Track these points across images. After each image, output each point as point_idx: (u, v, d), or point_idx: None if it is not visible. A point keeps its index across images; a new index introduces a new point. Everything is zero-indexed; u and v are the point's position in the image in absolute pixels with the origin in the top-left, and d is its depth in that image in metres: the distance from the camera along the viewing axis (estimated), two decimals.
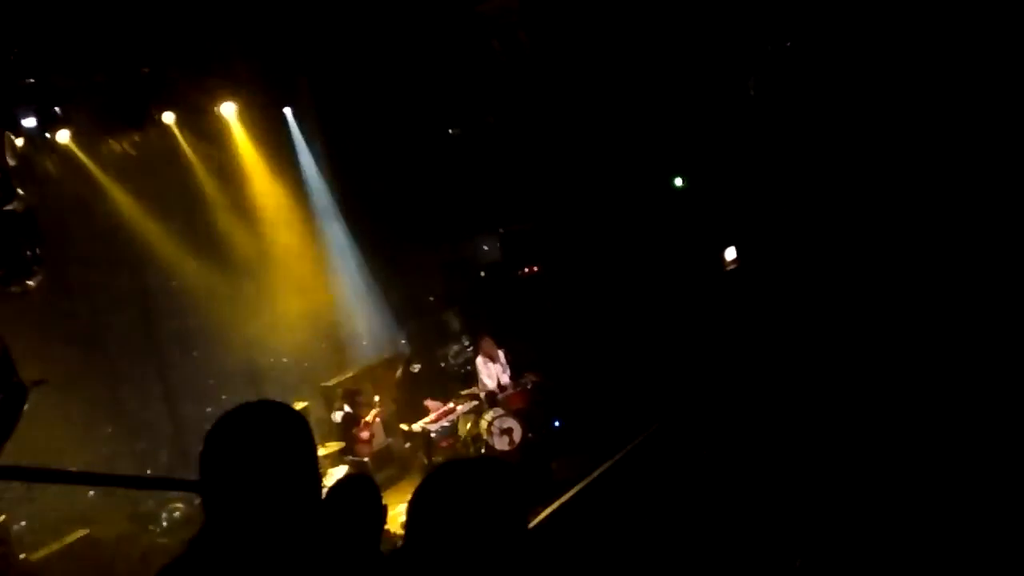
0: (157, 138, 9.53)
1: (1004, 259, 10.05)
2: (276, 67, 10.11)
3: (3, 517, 7.25)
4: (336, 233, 11.54)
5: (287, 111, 10.86)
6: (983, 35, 10.26)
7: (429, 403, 10.11)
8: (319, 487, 1.79)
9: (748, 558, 5.92)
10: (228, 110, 10.03)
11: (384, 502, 3.43)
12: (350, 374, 10.67)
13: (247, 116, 10.25)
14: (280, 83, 10.42)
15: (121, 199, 9.18)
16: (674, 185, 12.24)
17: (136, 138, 9.28)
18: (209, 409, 9.43)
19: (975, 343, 8.81)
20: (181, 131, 9.72)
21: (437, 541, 1.85)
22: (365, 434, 9.25)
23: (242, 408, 1.77)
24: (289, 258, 10.82)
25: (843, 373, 8.73)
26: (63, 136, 8.51)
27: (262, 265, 10.52)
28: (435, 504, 1.92)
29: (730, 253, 12.73)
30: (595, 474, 9.54)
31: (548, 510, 8.68)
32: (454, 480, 1.96)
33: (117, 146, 9.13)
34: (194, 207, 10.00)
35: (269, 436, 1.72)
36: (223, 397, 9.52)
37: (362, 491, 3.37)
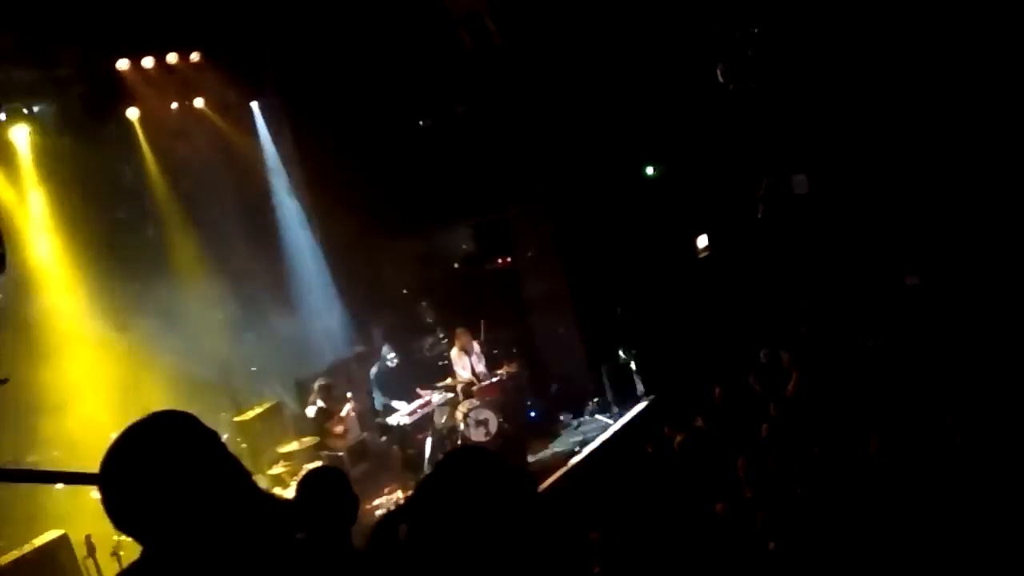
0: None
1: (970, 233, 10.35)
2: (244, 60, 9.96)
3: None
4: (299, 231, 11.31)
5: (254, 105, 10.67)
6: (951, 23, 10.39)
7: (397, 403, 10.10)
8: (234, 488, 1.81)
9: (727, 540, 5.96)
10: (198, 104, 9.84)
11: (357, 496, 3.40)
12: (323, 368, 10.59)
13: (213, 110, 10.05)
14: (248, 77, 10.26)
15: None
16: (646, 174, 12.27)
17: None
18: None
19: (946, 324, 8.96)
20: (144, 128, 9.35)
21: (448, 526, 1.81)
22: (339, 428, 9.18)
23: (136, 423, 1.81)
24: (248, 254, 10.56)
25: (816, 359, 8.81)
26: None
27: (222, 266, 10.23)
28: (447, 489, 1.88)
29: (702, 241, 12.80)
30: (571, 464, 9.59)
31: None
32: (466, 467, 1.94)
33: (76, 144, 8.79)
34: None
35: (160, 446, 1.78)
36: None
37: (331, 484, 3.35)
